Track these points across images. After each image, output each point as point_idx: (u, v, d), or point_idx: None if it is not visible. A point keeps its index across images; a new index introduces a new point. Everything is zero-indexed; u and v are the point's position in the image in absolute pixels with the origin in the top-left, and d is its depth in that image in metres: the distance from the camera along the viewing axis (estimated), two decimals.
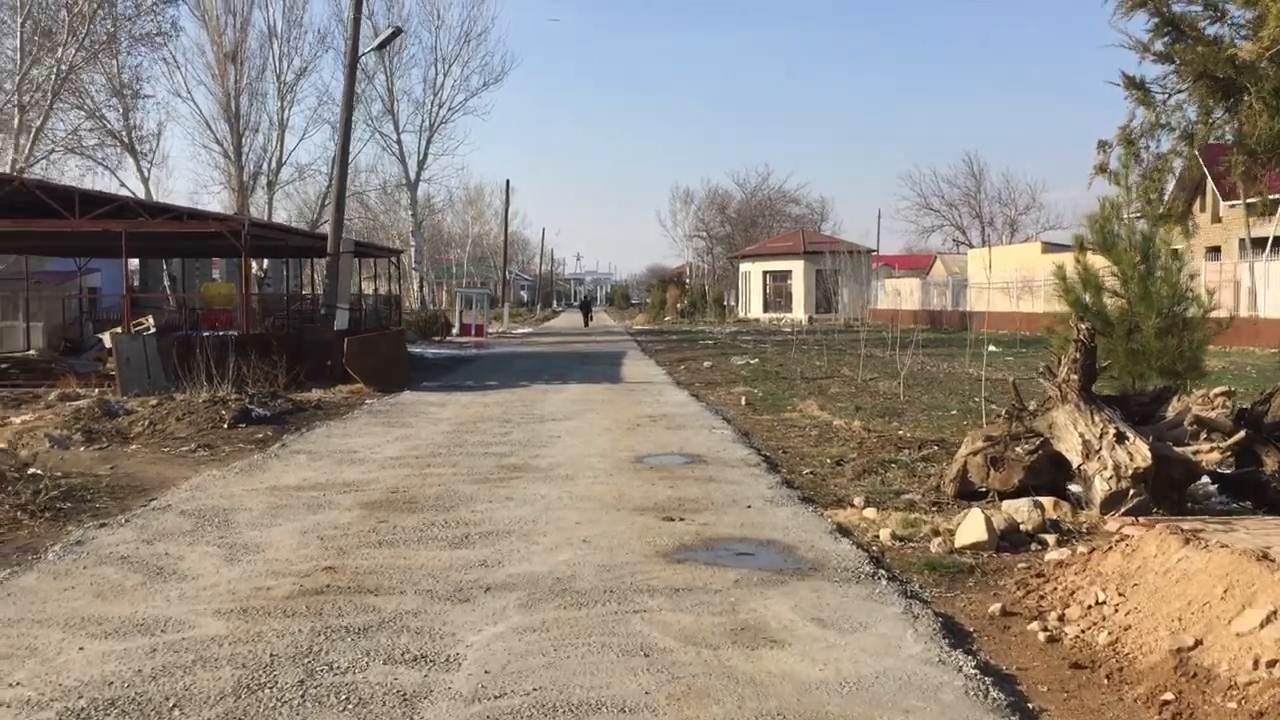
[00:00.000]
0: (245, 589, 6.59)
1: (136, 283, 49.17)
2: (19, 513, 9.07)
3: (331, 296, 23.88)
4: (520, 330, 60.94)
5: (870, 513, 9.01)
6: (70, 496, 9.97)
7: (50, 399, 19.00)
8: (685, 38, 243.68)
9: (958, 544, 7.85)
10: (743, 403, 18.51)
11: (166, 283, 49.34)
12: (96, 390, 19.77)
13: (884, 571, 7.11)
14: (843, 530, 8.42)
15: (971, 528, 7.93)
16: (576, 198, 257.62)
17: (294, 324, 33.18)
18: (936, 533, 8.22)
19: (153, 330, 30.28)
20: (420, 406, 18.13)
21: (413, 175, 57.40)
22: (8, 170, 32.64)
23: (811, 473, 11.29)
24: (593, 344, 42.28)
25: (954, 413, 16.35)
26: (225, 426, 14.99)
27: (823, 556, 7.49)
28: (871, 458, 11.93)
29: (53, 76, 36.24)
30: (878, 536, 8.22)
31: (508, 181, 75.74)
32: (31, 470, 11.31)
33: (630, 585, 6.69)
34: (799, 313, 64.97)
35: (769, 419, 16.24)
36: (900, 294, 64.48)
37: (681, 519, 8.76)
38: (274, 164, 51.65)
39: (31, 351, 28.82)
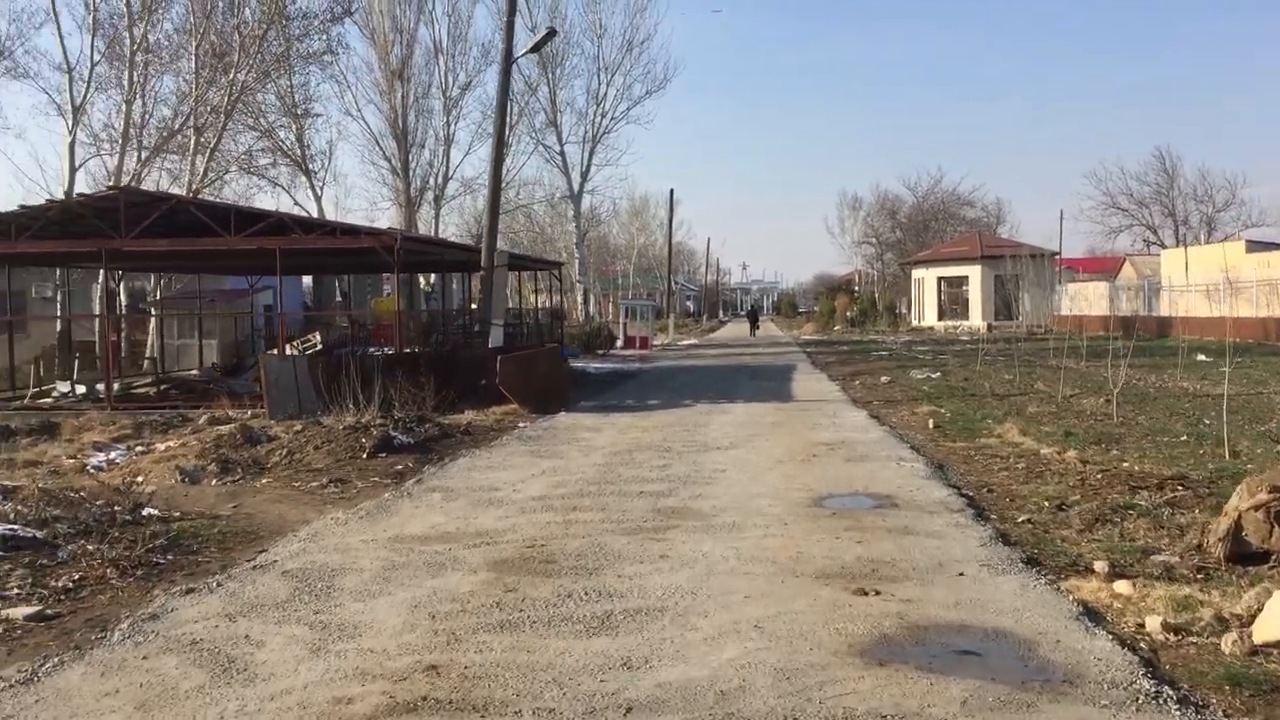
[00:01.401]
0: (321, 700, 5.15)
1: (309, 300, 50.05)
2: (110, 569, 7.97)
3: (486, 311, 22.84)
4: (685, 341, 59.51)
5: (1122, 586, 7.02)
6: (175, 546, 8.86)
7: (200, 423, 18.47)
8: (853, 40, 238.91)
9: (1258, 639, 5.85)
10: (930, 425, 16.47)
11: (339, 299, 49.97)
12: (249, 412, 19.20)
13: (1169, 689, 5.18)
14: (1092, 613, 6.48)
15: (1277, 618, 5.90)
16: (742, 206, 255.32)
17: (453, 340, 32.54)
18: (1222, 620, 6.22)
19: (319, 347, 30.10)
20: (575, 431, 16.74)
21: (576, 187, 56.69)
22: (184, 192, 33.03)
23: (1029, 521, 9.31)
24: (760, 356, 40.44)
25: (1184, 439, 13.97)
26: (364, 456, 13.89)
27: (1077, 660, 5.60)
28: (1100, 501, 9.86)
29: (226, 97, 36.67)
30: (1142, 625, 6.26)
31: (671, 191, 74.67)
32: (147, 510, 10.32)
33: (821, 711, 4.97)
34: (976, 320, 61.53)
35: (963, 446, 14.20)
36: (1087, 299, 60.28)
37: (877, 592, 6.98)
38: (440, 179, 51.69)
39: (193, 371, 28.87)
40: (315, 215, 40.13)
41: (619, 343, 47.81)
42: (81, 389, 24.27)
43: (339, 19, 42.34)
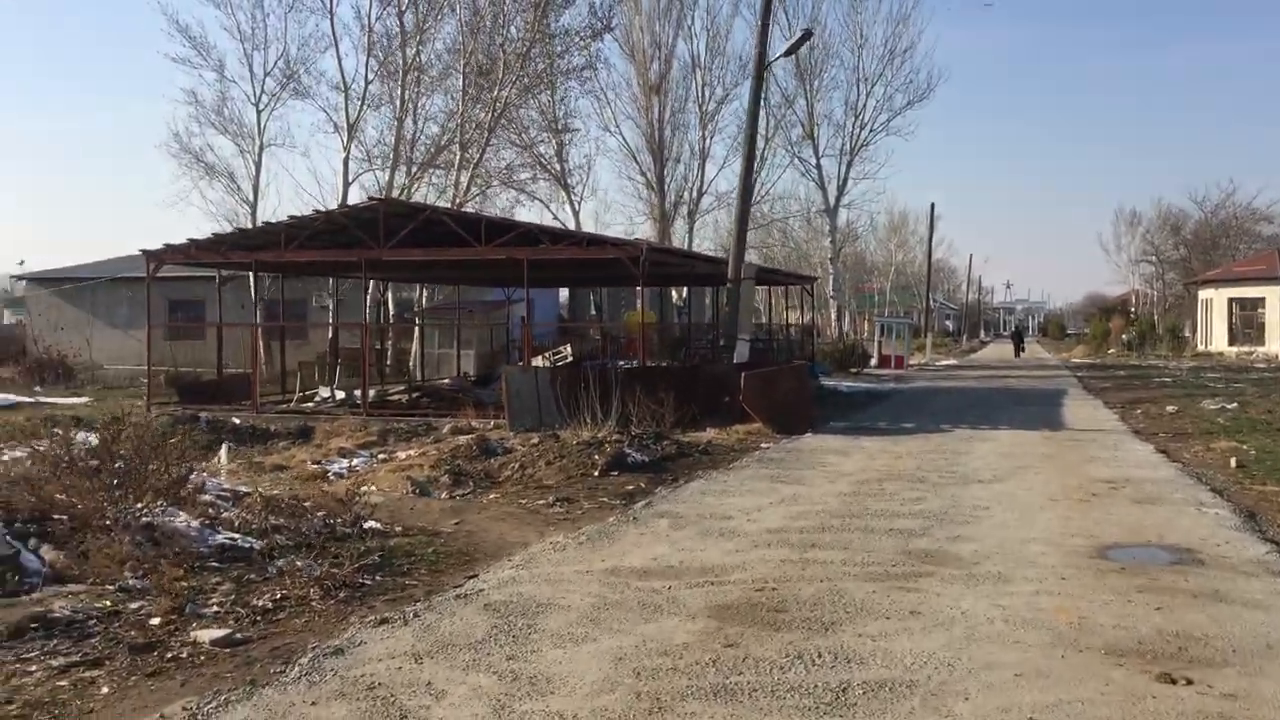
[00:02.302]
0: None
1: (564, 312, 50.84)
2: (313, 588, 7.52)
3: (731, 326, 21.96)
4: (944, 362, 56.76)
5: None
6: (384, 566, 8.38)
7: (443, 432, 18.46)
8: (1131, 47, 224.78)
9: None
10: (1232, 464, 14.32)
11: (593, 312, 50.51)
12: (491, 423, 19.09)
13: None
14: None
15: None
16: (1007, 222, 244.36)
17: (700, 355, 31.89)
18: None
19: (570, 359, 30.12)
20: (820, 455, 15.56)
21: (832, 201, 55.17)
22: (449, 206, 33.95)
23: None
24: (1025, 379, 37.74)
25: None
26: (595, 474, 13.25)
27: None
28: None
29: (490, 114, 37.59)
30: None
31: (932, 205, 71.60)
32: (368, 524, 9.98)
33: None
34: (1275, 345, 55.64)
35: (1276, 491, 12.13)
36: None
37: (1188, 680, 5.56)
38: (694, 193, 51.36)
39: (446, 380, 29.44)
40: (573, 229, 40.53)
41: (873, 361, 45.98)
42: (341, 394, 25.06)
43: (599, 35, 42.70)
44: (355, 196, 35.63)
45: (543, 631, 6.47)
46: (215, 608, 7.11)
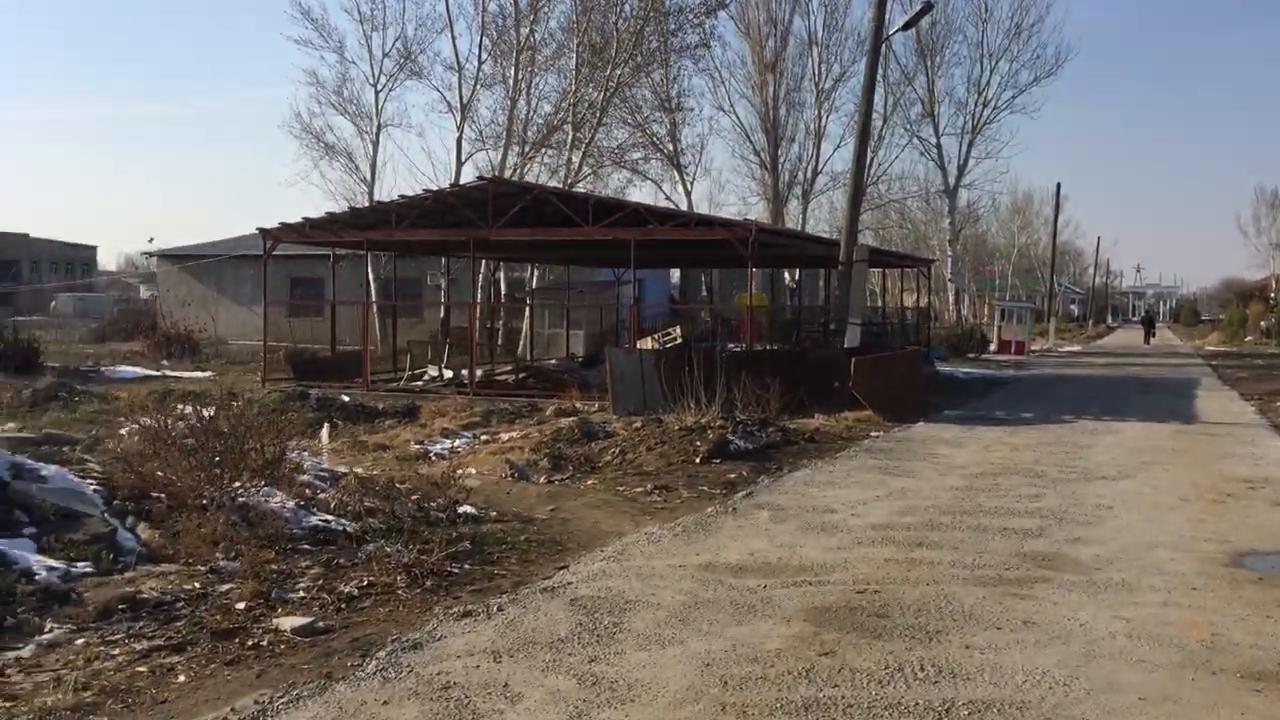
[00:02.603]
0: None
1: (676, 294, 50.54)
2: (400, 575, 7.37)
3: (842, 309, 21.38)
4: (1067, 348, 54.84)
5: None
6: (475, 553, 8.20)
7: (547, 414, 18.33)
8: (1273, 16, 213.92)
9: None
10: None
11: (704, 294, 50.11)
12: (596, 405, 18.91)
13: None
14: None
15: None
16: (1138, 204, 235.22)
17: (812, 339, 31.29)
18: None
19: (679, 341, 29.85)
20: (932, 445, 14.98)
21: (951, 182, 53.64)
22: (560, 186, 33.91)
23: None
24: (1154, 367, 36.14)
25: None
26: (697, 461, 12.93)
27: None
28: None
29: (603, 93, 37.42)
30: None
31: (1058, 185, 69.37)
32: (463, 508, 9.84)
33: None
34: None
35: None
36: None
37: None
38: (809, 173, 50.44)
39: (553, 361, 29.42)
40: (683, 209, 40.16)
41: (992, 347, 44.61)
42: (449, 373, 25.21)
43: (713, 12, 42.07)
44: (468, 176, 35.83)
45: (629, 631, 6.19)
46: (301, 593, 7.01)
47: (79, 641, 5.95)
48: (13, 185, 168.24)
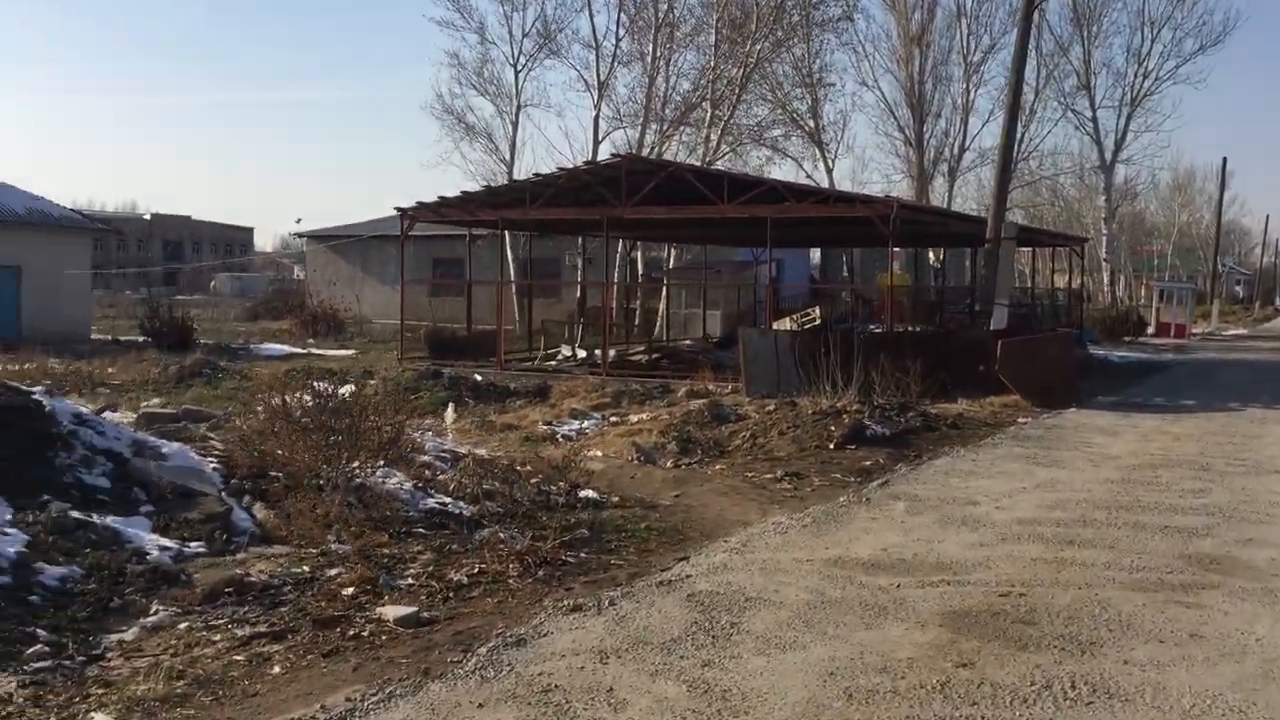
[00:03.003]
0: None
1: (816, 274, 49.55)
2: (513, 563, 7.09)
3: (988, 290, 20.39)
4: (1231, 331, 51.84)
5: None
6: (592, 541, 7.89)
7: (678, 395, 17.98)
8: None
9: None
10: None
11: (844, 274, 49.03)
12: (729, 387, 18.47)
13: None
14: None
15: None
16: None
17: (957, 320, 30.15)
18: None
19: (818, 321, 29.15)
20: (1084, 433, 14.06)
21: (1108, 156, 51.13)
22: (698, 163, 33.45)
23: None
24: None
25: None
26: (830, 446, 12.37)
27: None
28: None
29: (742, 70, 36.78)
30: None
31: (1224, 161, 65.61)
32: (584, 493, 9.55)
33: None
34: None
35: None
36: None
37: None
38: (955, 150, 48.79)
39: (687, 341, 29.04)
40: (826, 187, 39.24)
41: (1149, 330, 42.39)
42: (582, 353, 25.07)
43: None
44: (605, 154, 35.68)
45: (747, 632, 5.75)
46: (410, 579, 6.79)
47: (182, 625, 5.84)
48: (174, 168, 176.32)
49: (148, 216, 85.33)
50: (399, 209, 24.25)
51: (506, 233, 30.64)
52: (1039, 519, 8.72)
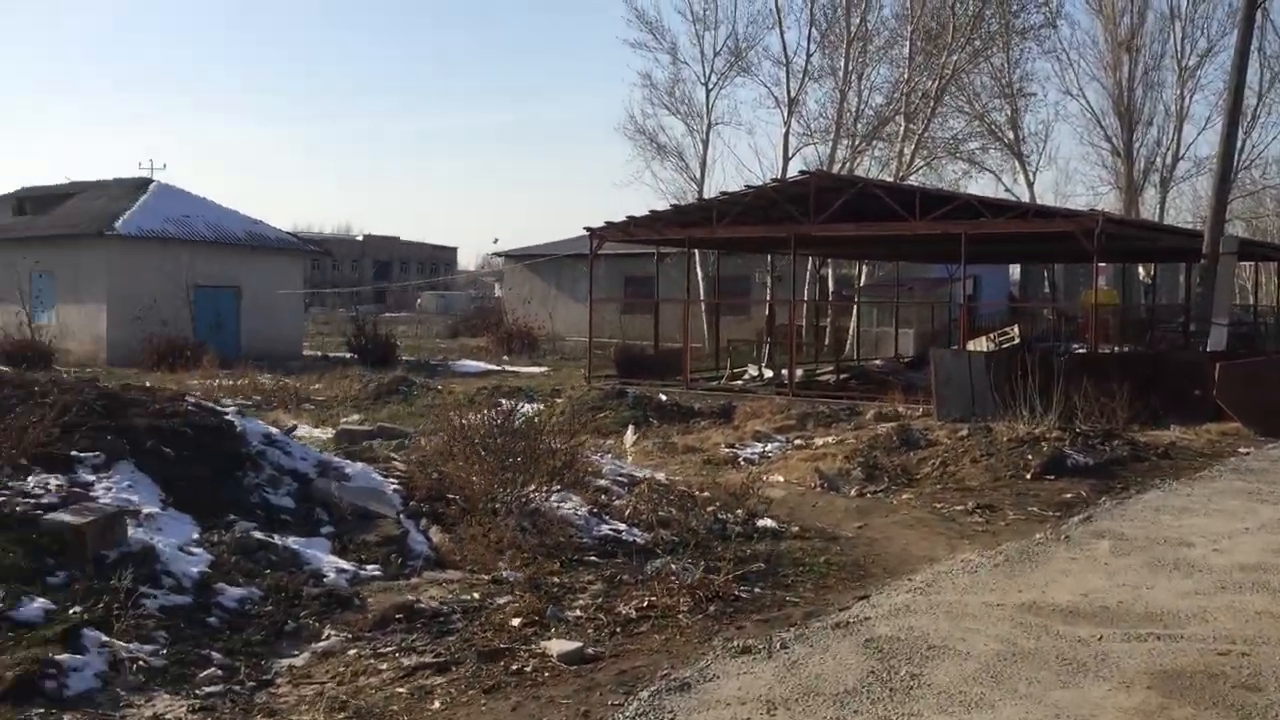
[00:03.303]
0: None
1: (1015, 291, 47.62)
2: (684, 597, 6.87)
3: (1205, 308, 19.02)
4: None
5: None
6: (767, 575, 7.59)
7: (866, 418, 17.46)
8: None
9: None
10: None
11: (1046, 290, 46.95)
12: (920, 409, 17.83)
13: None
14: None
15: None
16: None
17: (1165, 340, 28.35)
18: None
19: (1016, 341, 27.93)
20: None
21: None
22: (892, 180, 32.66)
23: None
24: None
25: None
26: (1027, 476, 11.68)
27: None
28: None
29: (937, 81, 35.80)
30: None
31: None
32: (762, 522, 9.26)
33: None
34: None
35: None
36: None
37: None
38: (1168, 159, 46.14)
39: (877, 361, 28.27)
40: (1024, 200, 37.68)
41: None
42: (769, 373, 24.73)
43: None
44: (795, 171, 35.25)
45: (928, 686, 5.34)
46: (578, 611, 6.66)
47: (351, 652, 5.86)
48: (386, 192, 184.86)
49: (360, 238, 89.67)
50: (588, 229, 24.51)
51: (695, 251, 30.66)
52: (1265, 565, 7.90)
